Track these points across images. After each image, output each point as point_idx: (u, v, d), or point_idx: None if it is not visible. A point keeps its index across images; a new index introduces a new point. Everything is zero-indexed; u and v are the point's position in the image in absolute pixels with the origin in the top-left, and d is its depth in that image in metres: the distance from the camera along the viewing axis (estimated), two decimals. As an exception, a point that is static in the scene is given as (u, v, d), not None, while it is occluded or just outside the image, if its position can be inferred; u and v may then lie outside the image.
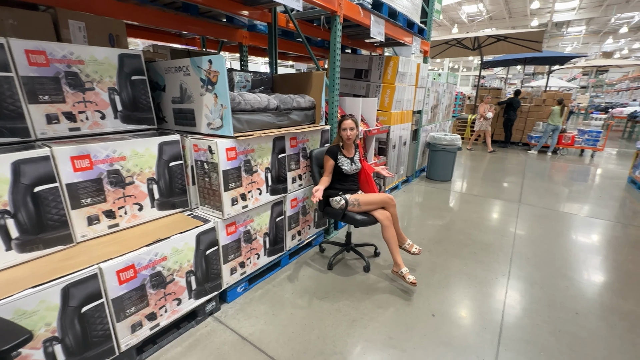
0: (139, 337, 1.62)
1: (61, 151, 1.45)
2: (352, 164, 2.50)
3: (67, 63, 1.58)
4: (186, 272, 1.80)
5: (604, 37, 17.71)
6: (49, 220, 1.45)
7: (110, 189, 1.64)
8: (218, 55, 1.79)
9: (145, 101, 1.93)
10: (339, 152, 2.47)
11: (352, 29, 3.74)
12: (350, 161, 2.51)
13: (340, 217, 2.42)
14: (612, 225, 3.57)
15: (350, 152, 2.53)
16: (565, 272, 2.61)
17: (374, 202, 2.42)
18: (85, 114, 1.69)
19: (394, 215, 2.47)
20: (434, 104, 5.47)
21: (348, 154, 2.52)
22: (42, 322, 1.26)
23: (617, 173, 6.05)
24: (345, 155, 2.50)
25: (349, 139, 2.41)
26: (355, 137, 2.44)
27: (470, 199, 4.42)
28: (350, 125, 2.41)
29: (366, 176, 2.63)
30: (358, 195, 2.46)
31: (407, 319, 2.04)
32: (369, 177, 2.63)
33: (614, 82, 22.06)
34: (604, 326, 2.01)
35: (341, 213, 2.40)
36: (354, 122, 2.42)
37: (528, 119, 8.67)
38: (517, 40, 8.13)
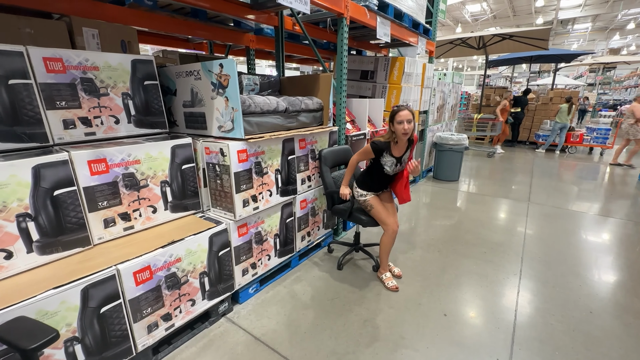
0: (154, 337, 1.65)
1: (79, 155, 1.49)
2: (397, 164, 2.20)
3: (82, 69, 1.62)
4: (200, 273, 1.83)
5: (611, 33, 17.51)
6: (67, 223, 1.48)
7: (125, 192, 1.68)
8: (229, 59, 1.82)
9: (157, 105, 1.96)
10: (386, 150, 2.17)
11: (357, 31, 3.76)
12: (397, 161, 2.19)
13: (347, 215, 2.44)
14: (623, 223, 3.53)
15: (400, 150, 2.18)
16: (577, 270, 2.59)
17: (379, 218, 2.32)
18: (100, 119, 1.72)
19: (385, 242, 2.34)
20: (439, 104, 5.46)
21: (397, 152, 2.18)
22: (63, 322, 1.29)
23: (627, 171, 5.97)
24: (393, 154, 2.18)
25: (406, 133, 2.06)
26: (412, 131, 2.10)
27: (478, 198, 4.39)
28: (407, 117, 2.04)
29: (402, 174, 2.36)
30: (375, 202, 2.32)
31: (418, 318, 2.04)
32: (405, 176, 2.36)
33: (621, 78, 21.76)
34: (618, 325, 1.99)
35: (347, 211, 2.41)
36: (411, 114, 2.06)
37: (535, 117, 8.59)
38: (522, 39, 8.07)
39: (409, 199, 2.39)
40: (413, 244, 3.04)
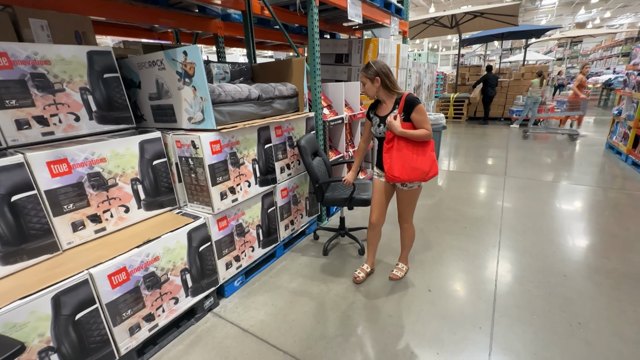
0: (138, 339, 1.60)
1: (36, 157, 1.39)
2: (380, 124, 1.98)
3: (32, 64, 1.50)
4: (180, 270, 1.78)
5: (577, 8, 17.98)
6: (30, 230, 1.39)
7: (92, 193, 1.59)
8: (193, 45, 1.72)
9: (120, 100, 1.85)
10: (373, 109, 2.07)
11: (329, 13, 3.67)
12: (380, 121, 1.98)
13: (347, 203, 2.40)
14: (593, 190, 3.70)
15: (385, 109, 1.97)
16: (552, 238, 2.70)
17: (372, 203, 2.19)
18: (57, 117, 1.61)
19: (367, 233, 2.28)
20: (416, 85, 5.48)
21: (382, 111, 2.00)
22: (34, 333, 1.22)
23: (595, 140, 6.25)
24: (377, 113, 2.03)
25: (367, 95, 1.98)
26: (372, 92, 1.95)
27: (457, 176, 4.49)
28: (361, 80, 1.98)
29: (400, 147, 1.88)
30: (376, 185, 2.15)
31: (404, 296, 2.08)
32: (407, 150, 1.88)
33: (588, 52, 22.54)
34: (590, 286, 2.10)
35: (347, 199, 2.37)
36: (364, 75, 1.92)
37: (508, 93, 8.80)
38: (493, 16, 8.16)
39: (394, 174, 1.91)
40: (397, 225, 3.06)
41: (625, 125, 4.86)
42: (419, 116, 1.85)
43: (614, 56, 17.14)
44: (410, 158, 1.88)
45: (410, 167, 1.88)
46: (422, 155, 1.89)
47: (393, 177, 1.92)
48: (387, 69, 1.92)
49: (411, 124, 1.88)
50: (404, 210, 2.14)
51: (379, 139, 2.03)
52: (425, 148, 1.91)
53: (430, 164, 1.91)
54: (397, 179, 1.92)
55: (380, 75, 1.89)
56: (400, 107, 1.87)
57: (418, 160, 1.88)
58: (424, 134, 1.84)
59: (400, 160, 1.88)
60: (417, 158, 1.88)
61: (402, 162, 1.88)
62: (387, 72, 1.92)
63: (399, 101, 1.89)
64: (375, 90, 1.94)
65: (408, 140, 1.87)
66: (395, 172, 1.90)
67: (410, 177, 1.90)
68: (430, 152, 1.93)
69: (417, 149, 1.89)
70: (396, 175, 1.90)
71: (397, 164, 1.89)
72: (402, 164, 1.88)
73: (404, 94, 1.89)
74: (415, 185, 2.02)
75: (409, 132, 1.84)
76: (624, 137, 4.88)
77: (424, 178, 1.92)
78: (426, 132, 1.85)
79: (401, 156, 1.88)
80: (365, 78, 1.92)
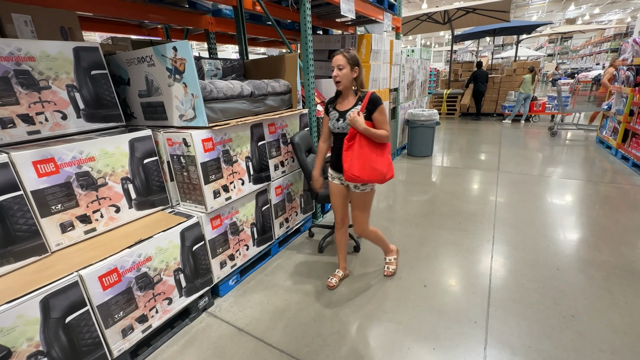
0: (131, 341, 1.58)
1: (21, 156, 1.35)
2: (339, 119, 1.86)
3: (15, 61, 1.45)
4: (174, 270, 1.75)
5: (567, 4, 18.16)
6: (17, 232, 1.35)
7: (81, 193, 1.55)
8: (183, 41, 1.69)
9: (109, 97, 1.81)
10: (332, 103, 1.94)
11: (322, 8, 3.64)
12: (340, 116, 1.86)
13: None
14: (584, 184, 3.75)
15: (346, 104, 1.86)
16: (545, 232, 2.73)
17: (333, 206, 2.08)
18: (44, 115, 1.56)
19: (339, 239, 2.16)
20: (409, 81, 5.48)
21: (342, 106, 1.88)
22: (23, 337, 1.19)
23: (587, 134, 6.33)
24: (337, 108, 1.91)
25: (338, 82, 1.80)
26: (347, 79, 1.78)
27: (451, 171, 4.51)
28: (337, 62, 1.76)
29: (362, 145, 1.78)
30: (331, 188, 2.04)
31: (400, 293, 2.09)
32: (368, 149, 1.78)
33: (578, 48, 22.82)
34: (583, 278, 2.13)
35: None
36: (345, 58, 1.75)
37: (501, 89, 8.86)
38: (485, 12, 8.20)
39: (354, 174, 1.79)
40: (392, 221, 3.08)
41: (615, 119, 4.92)
42: (380, 116, 1.79)
43: (603, 52, 17.39)
44: (371, 158, 1.79)
45: (371, 167, 1.79)
46: (381, 156, 1.82)
47: (353, 176, 1.80)
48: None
49: (371, 124, 1.80)
50: (358, 217, 2.00)
51: (337, 137, 1.91)
52: (383, 150, 1.85)
53: (387, 166, 1.85)
54: (357, 179, 1.81)
55: (360, 67, 1.81)
56: (364, 105, 1.79)
57: (378, 161, 1.81)
58: (384, 134, 1.79)
59: (361, 159, 1.78)
60: (377, 159, 1.80)
61: (363, 161, 1.78)
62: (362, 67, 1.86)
63: (363, 98, 1.81)
64: (350, 80, 1.80)
65: (369, 139, 1.79)
66: (356, 171, 1.79)
67: (370, 177, 1.81)
68: (387, 155, 1.87)
69: (377, 149, 1.81)
70: (356, 174, 1.79)
71: (358, 163, 1.78)
72: (362, 163, 1.78)
73: (368, 92, 1.82)
74: (369, 188, 1.93)
75: (372, 131, 1.75)
76: (613, 131, 4.95)
77: (382, 180, 1.84)
78: (386, 134, 1.80)
79: (362, 155, 1.78)
80: (345, 62, 1.75)
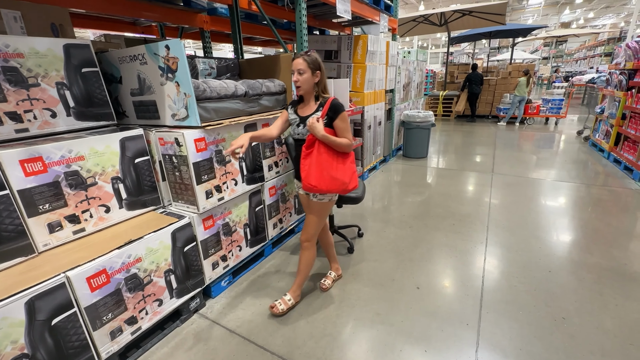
0: (120, 343, 1.55)
1: (7, 155, 1.32)
2: (299, 125, 1.77)
3: (3, 57, 1.42)
4: (164, 271, 1.73)
5: (562, 8, 18.35)
6: (3, 232, 1.33)
7: (70, 192, 1.52)
8: (175, 40, 1.67)
9: (100, 95, 1.79)
10: (294, 105, 1.86)
11: (318, 8, 3.63)
12: (300, 121, 1.77)
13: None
14: (576, 187, 3.78)
15: (307, 109, 1.77)
16: (537, 234, 2.75)
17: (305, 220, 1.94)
18: (32, 113, 1.53)
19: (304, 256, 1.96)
20: (405, 82, 5.49)
21: (303, 111, 1.79)
22: (7, 340, 1.17)
23: (579, 138, 6.39)
24: (298, 112, 1.82)
25: (298, 86, 1.69)
26: (307, 84, 1.68)
27: (446, 173, 4.53)
28: (297, 66, 1.65)
29: (321, 153, 1.70)
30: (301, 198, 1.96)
31: (393, 294, 2.08)
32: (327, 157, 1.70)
33: (572, 51, 23.07)
34: (574, 280, 2.14)
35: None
36: (306, 62, 1.64)
37: (496, 91, 8.92)
38: (481, 14, 8.26)
39: (311, 183, 1.70)
40: (386, 222, 3.08)
41: (608, 123, 4.98)
42: (342, 124, 1.70)
43: (597, 56, 17.59)
44: (330, 166, 1.70)
45: (330, 176, 1.70)
46: (342, 164, 1.75)
47: (310, 185, 1.72)
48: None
49: (333, 131, 1.72)
50: (309, 223, 1.89)
51: (297, 143, 1.82)
52: (345, 158, 1.77)
53: (350, 175, 1.77)
54: (314, 189, 1.72)
55: (321, 70, 1.71)
56: (324, 111, 1.69)
57: (339, 170, 1.73)
58: (345, 143, 1.70)
59: (319, 167, 1.70)
60: (338, 167, 1.72)
61: (321, 170, 1.69)
62: (325, 70, 1.75)
63: (324, 104, 1.71)
64: (311, 85, 1.70)
65: (329, 147, 1.71)
66: (313, 180, 1.70)
67: (329, 187, 1.72)
68: (350, 164, 1.79)
69: (338, 157, 1.74)
70: (313, 183, 1.70)
71: (316, 172, 1.70)
72: (320, 172, 1.70)
73: (329, 98, 1.72)
74: (326, 199, 1.83)
75: (331, 138, 1.66)
76: (606, 134, 5.01)
77: (343, 190, 1.77)
78: (348, 142, 1.71)
79: (321, 163, 1.69)
80: (306, 66, 1.64)
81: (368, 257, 2.52)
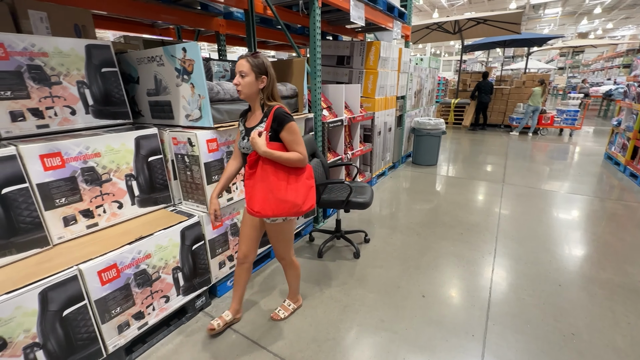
0: (126, 337, 1.58)
1: (29, 149, 1.37)
2: (244, 138, 1.57)
3: (28, 56, 1.49)
4: (172, 268, 1.76)
5: (579, 18, 18.06)
6: (21, 223, 1.38)
7: (86, 188, 1.57)
8: (192, 42, 1.71)
9: (118, 94, 1.84)
10: (244, 114, 1.65)
11: (332, 15, 3.67)
12: (246, 133, 1.57)
13: (343, 205, 2.37)
14: (590, 200, 3.70)
15: (254, 119, 1.56)
16: (548, 247, 2.69)
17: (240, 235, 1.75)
18: (53, 110, 1.60)
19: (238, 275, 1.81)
20: (417, 89, 5.48)
21: (250, 121, 1.58)
22: (20, 328, 1.20)
23: (594, 150, 6.26)
24: (245, 123, 1.61)
25: (239, 91, 1.48)
26: (249, 89, 1.47)
27: (455, 181, 4.48)
28: (240, 67, 1.45)
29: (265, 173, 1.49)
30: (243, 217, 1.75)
31: (398, 301, 2.07)
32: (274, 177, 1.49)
33: (589, 62, 22.64)
34: (585, 296, 2.09)
35: (343, 202, 2.33)
36: (249, 65, 1.44)
37: (509, 101, 8.82)
38: (496, 23, 8.19)
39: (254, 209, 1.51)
40: (393, 229, 3.07)
41: (624, 136, 4.86)
42: (289, 136, 1.48)
43: (615, 67, 17.23)
44: (278, 187, 1.48)
45: (277, 200, 1.48)
46: (294, 183, 1.52)
47: (253, 211, 1.51)
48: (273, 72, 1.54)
49: (281, 145, 1.49)
50: (274, 247, 1.75)
51: (245, 158, 1.59)
52: (299, 175, 1.54)
53: (305, 195, 1.54)
54: (258, 214, 1.51)
55: (269, 75, 1.49)
56: (268, 123, 1.47)
57: (289, 191, 1.50)
58: (295, 157, 1.48)
59: (263, 190, 1.48)
60: (288, 187, 1.50)
61: (265, 192, 1.48)
62: (275, 76, 1.55)
63: (268, 114, 1.49)
64: (254, 90, 1.48)
65: (276, 164, 1.48)
66: (256, 206, 1.49)
67: (275, 212, 1.50)
68: (305, 180, 1.56)
69: (289, 176, 1.51)
70: (256, 209, 1.49)
71: (259, 195, 1.48)
72: (265, 195, 1.48)
73: (274, 106, 1.50)
74: (280, 219, 1.59)
75: (276, 154, 1.44)
76: (622, 147, 4.89)
77: (295, 212, 1.53)
78: (298, 156, 1.49)
79: (265, 185, 1.48)
80: (249, 68, 1.44)
81: (374, 263, 2.51)
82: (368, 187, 2.61)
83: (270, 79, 1.51)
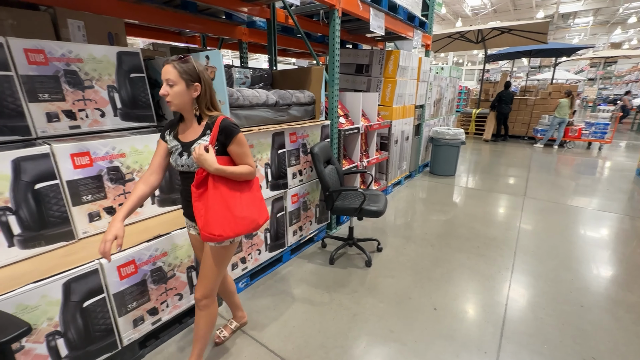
0: (141, 331, 1.64)
1: (61, 148, 1.47)
2: (182, 154, 1.34)
3: (66, 61, 1.60)
4: (187, 267, 1.82)
5: (612, 27, 17.35)
6: (50, 217, 1.47)
7: (110, 186, 1.66)
8: (215, 50, 1.79)
9: (144, 99, 1.94)
10: (171, 128, 1.41)
11: (352, 24, 3.72)
12: (182, 149, 1.34)
13: (356, 213, 2.39)
14: (619, 218, 3.51)
15: (191, 133, 1.35)
16: (570, 265, 2.58)
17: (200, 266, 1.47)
18: (85, 112, 1.70)
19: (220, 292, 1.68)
20: (436, 98, 5.42)
21: (184, 136, 1.36)
22: (44, 316, 1.28)
23: (625, 165, 5.94)
24: (179, 137, 1.37)
25: (168, 102, 1.27)
26: (180, 99, 1.26)
27: (474, 193, 4.38)
28: (166, 74, 1.23)
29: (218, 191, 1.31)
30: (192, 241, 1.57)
31: (408, 312, 2.04)
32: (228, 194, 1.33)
33: (622, 73, 21.61)
34: (609, 319, 1.98)
35: (357, 210, 2.34)
36: (176, 71, 1.22)
37: (534, 112, 8.54)
38: (521, 32, 7.99)
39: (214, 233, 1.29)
40: (407, 239, 3.03)
41: (659, 151, 4.59)
42: (239, 149, 1.34)
43: (651, 79, 16.33)
44: (234, 203, 1.34)
45: (234, 217, 1.33)
46: (247, 194, 1.40)
47: (212, 236, 1.30)
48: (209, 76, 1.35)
49: (228, 158, 1.36)
50: (206, 275, 1.43)
51: (183, 176, 1.40)
52: (250, 188, 1.42)
53: (259, 207, 1.43)
54: (218, 238, 1.31)
55: (203, 82, 1.29)
56: (213, 136, 1.30)
57: (244, 206, 1.36)
58: (247, 171, 1.35)
59: (219, 208, 1.31)
60: (242, 202, 1.36)
61: (223, 212, 1.31)
62: (211, 81, 1.36)
63: (212, 126, 1.32)
64: (187, 101, 1.28)
65: (228, 180, 1.34)
66: (216, 229, 1.29)
67: (236, 230, 1.34)
68: (256, 192, 1.44)
69: (243, 189, 1.38)
70: (217, 233, 1.30)
71: (216, 216, 1.30)
72: (223, 214, 1.31)
73: (218, 117, 1.33)
74: (228, 242, 1.41)
75: (228, 170, 1.29)
76: (656, 164, 4.62)
77: (255, 227, 1.40)
78: (249, 169, 1.36)
79: (221, 202, 1.31)
80: (177, 76, 1.23)
81: (385, 272, 2.48)
82: (382, 196, 2.60)
83: (206, 86, 1.31)
